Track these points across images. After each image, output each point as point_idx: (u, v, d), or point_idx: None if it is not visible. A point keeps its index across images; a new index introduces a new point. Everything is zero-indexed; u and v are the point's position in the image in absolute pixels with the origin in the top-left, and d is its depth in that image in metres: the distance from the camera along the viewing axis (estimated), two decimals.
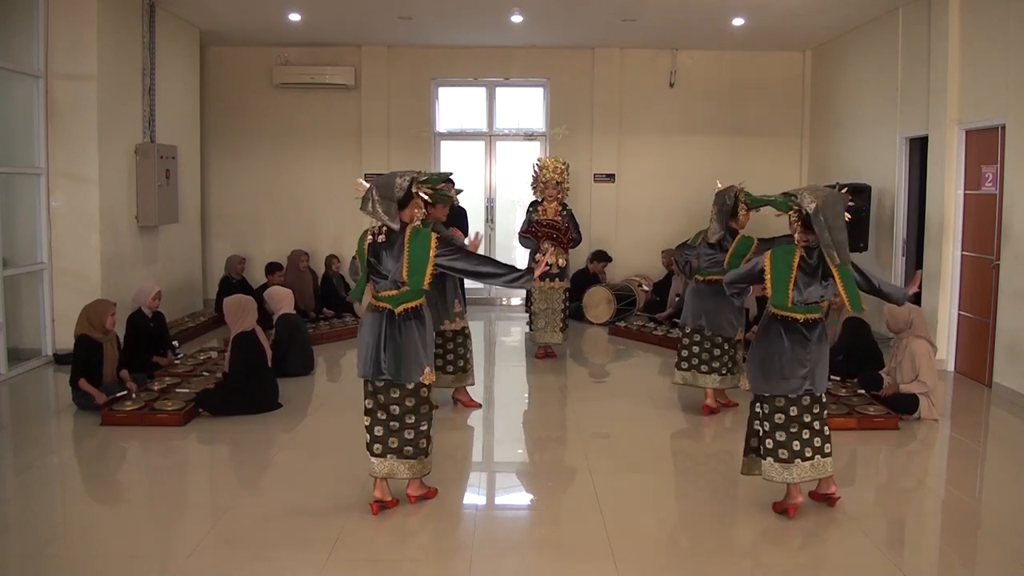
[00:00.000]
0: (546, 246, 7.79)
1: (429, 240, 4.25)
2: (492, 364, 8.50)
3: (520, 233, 7.93)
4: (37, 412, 6.74)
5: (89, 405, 6.10)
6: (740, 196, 5.94)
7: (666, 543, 4.25)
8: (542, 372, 7.83)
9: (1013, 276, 6.86)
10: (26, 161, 7.84)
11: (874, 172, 9.17)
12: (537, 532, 4.42)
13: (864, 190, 8.85)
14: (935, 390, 6.10)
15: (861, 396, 6.31)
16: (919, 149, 8.52)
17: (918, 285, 4.53)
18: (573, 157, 10.22)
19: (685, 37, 10.64)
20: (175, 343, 7.77)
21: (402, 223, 4.26)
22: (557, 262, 7.91)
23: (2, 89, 7.72)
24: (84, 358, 6.12)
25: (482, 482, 5.15)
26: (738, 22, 9.46)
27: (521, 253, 10.08)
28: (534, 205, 8.00)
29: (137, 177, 8.68)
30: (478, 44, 11.08)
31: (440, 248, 4.27)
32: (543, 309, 8.05)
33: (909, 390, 6.08)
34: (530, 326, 8.22)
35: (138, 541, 4.18)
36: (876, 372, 6.53)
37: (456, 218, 7.57)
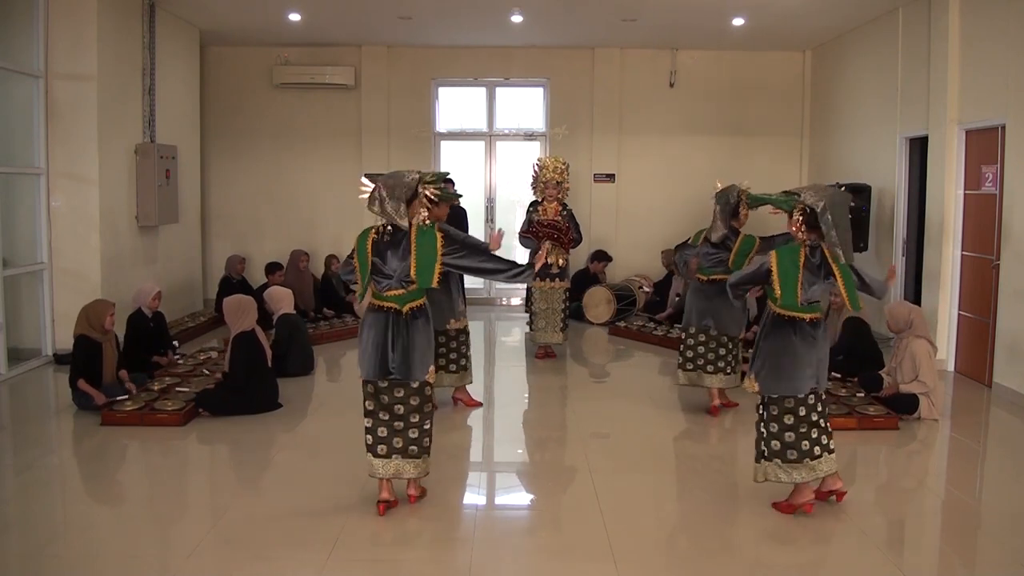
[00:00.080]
0: (547, 246, 7.79)
1: (435, 239, 4.27)
2: (492, 364, 8.49)
3: (520, 233, 7.94)
4: (37, 412, 6.74)
5: (89, 405, 6.10)
6: (743, 195, 5.94)
7: (666, 543, 4.25)
8: (542, 372, 7.83)
9: (1013, 276, 6.86)
10: (26, 161, 7.84)
11: (874, 172, 9.17)
12: (537, 532, 4.42)
13: (864, 190, 8.85)
14: (935, 390, 6.10)
15: (861, 396, 6.31)
16: (919, 149, 8.52)
17: (893, 277, 4.57)
18: (573, 157, 10.22)
19: (685, 37, 10.64)
20: (175, 343, 7.78)
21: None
22: (557, 262, 7.92)
23: (2, 89, 7.72)
24: (83, 358, 6.12)
25: (482, 482, 5.15)
26: (738, 22, 9.46)
27: (521, 253, 10.07)
28: (534, 205, 8.00)
29: (137, 177, 8.68)
30: (478, 44, 11.08)
31: (446, 246, 4.29)
32: (543, 309, 8.05)
33: (909, 390, 6.08)
34: (530, 326, 8.22)
35: (138, 541, 4.18)
36: (876, 372, 6.53)
37: (456, 218, 7.58)
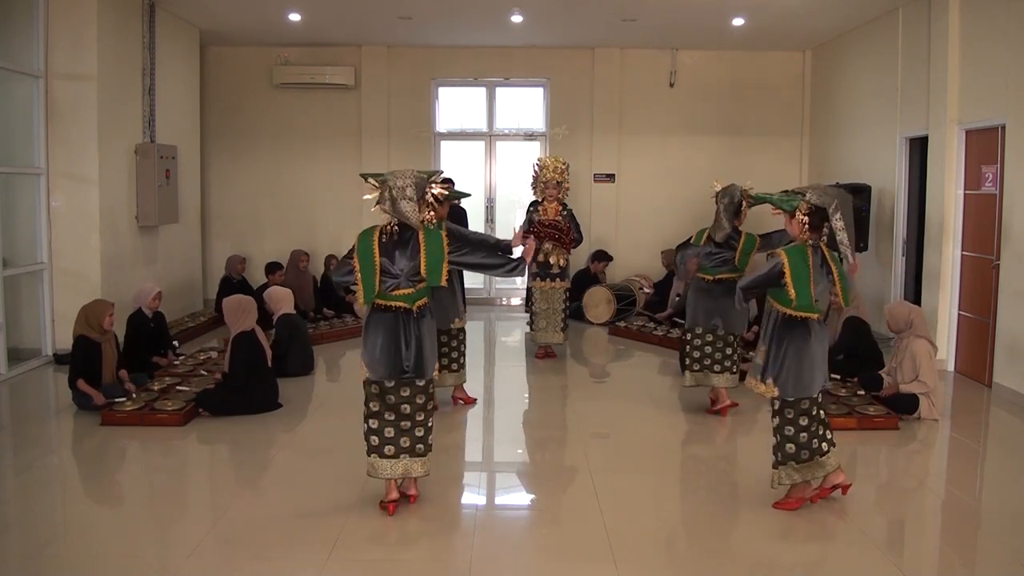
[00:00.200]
0: (532, 241, 7.78)
1: (441, 238, 4.33)
2: (492, 364, 8.49)
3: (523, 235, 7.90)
4: (37, 412, 6.74)
5: (89, 405, 6.10)
6: (744, 195, 5.94)
7: (666, 543, 4.25)
8: (542, 372, 7.83)
9: (1013, 276, 6.86)
10: (26, 161, 7.84)
11: (874, 172, 9.17)
12: (537, 532, 4.42)
13: (864, 190, 8.84)
14: (935, 390, 6.10)
15: (861, 396, 6.31)
16: (919, 149, 8.51)
17: (856, 271, 4.60)
18: (573, 157, 10.22)
19: (685, 37, 10.64)
20: (175, 343, 7.78)
21: None
22: (559, 262, 7.93)
23: (2, 89, 7.72)
24: (82, 358, 6.12)
25: (482, 482, 5.15)
26: (738, 22, 9.46)
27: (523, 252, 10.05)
28: (534, 205, 8.00)
29: (137, 177, 8.68)
30: (478, 44, 11.08)
31: (451, 244, 4.35)
32: (544, 309, 8.04)
33: (909, 390, 6.08)
34: (531, 326, 8.22)
35: (138, 541, 4.18)
36: (876, 372, 6.53)
37: (456, 218, 7.58)
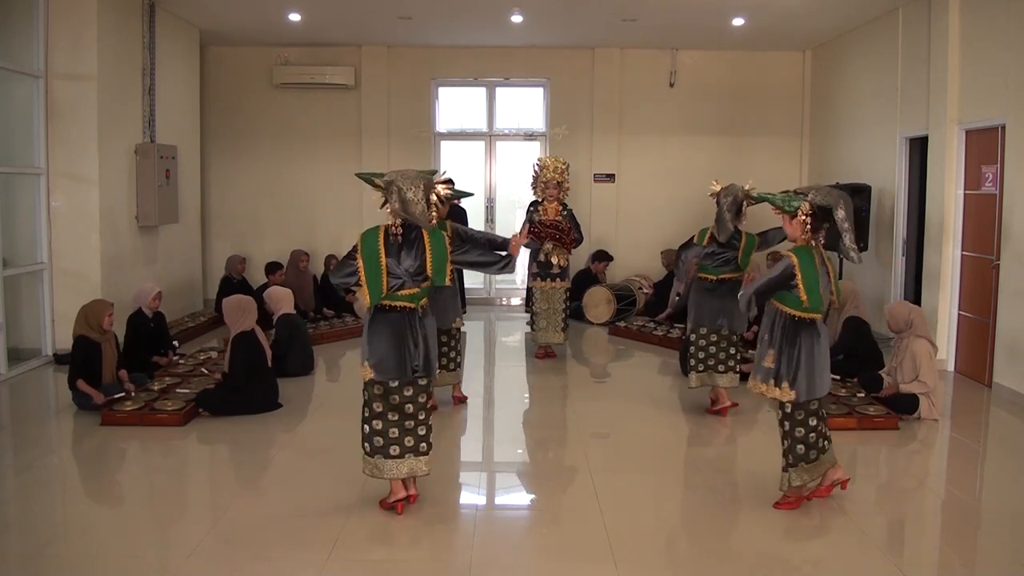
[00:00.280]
0: (548, 246, 7.82)
1: (444, 237, 4.37)
2: (492, 364, 8.49)
3: (527, 235, 7.89)
4: (37, 412, 6.74)
5: (89, 405, 6.10)
6: (743, 194, 5.94)
7: (666, 543, 4.25)
8: (542, 372, 7.83)
9: (1013, 276, 6.86)
10: (26, 161, 7.84)
11: (874, 172, 9.17)
12: (537, 532, 4.42)
13: (864, 190, 8.84)
14: (935, 390, 6.10)
15: (861, 396, 6.31)
16: (919, 149, 8.51)
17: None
18: (573, 157, 10.23)
19: (685, 37, 10.64)
20: (175, 343, 7.78)
21: None
22: (559, 262, 7.93)
23: (2, 89, 7.72)
24: (82, 358, 6.12)
25: (482, 482, 5.15)
26: (738, 22, 9.46)
27: (522, 253, 10.06)
28: (534, 205, 8.00)
29: (137, 177, 8.68)
30: (478, 44, 11.08)
31: (453, 243, 4.44)
32: (544, 309, 8.04)
33: (909, 390, 6.08)
34: (531, 326, 8.22)
35: (138, 541, 4.18)
36: (876, 372, 6.53)
37: (455, 217, 7.58)
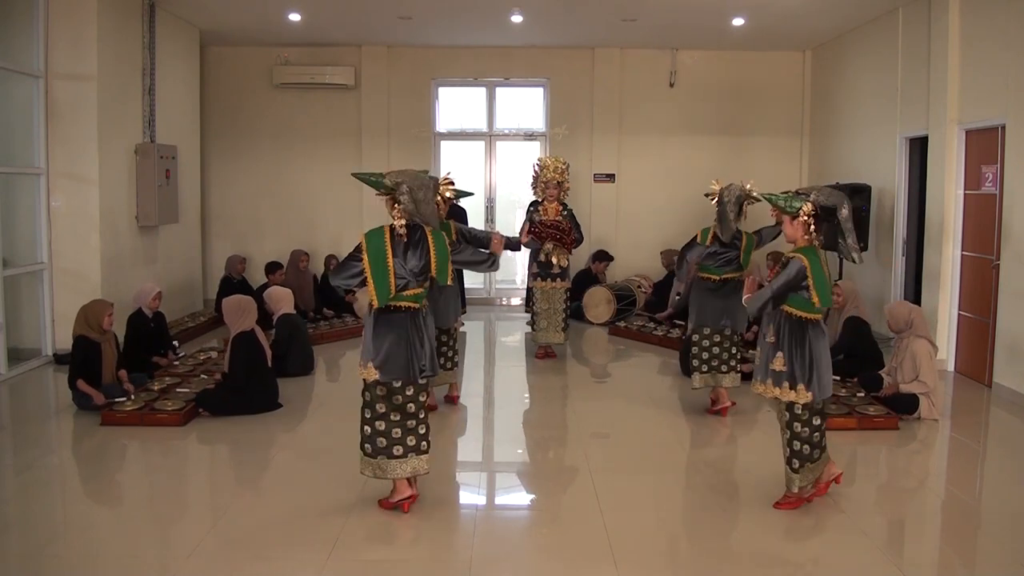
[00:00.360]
0: (548, 246, 7.83)
1: (444, 237, 4.43)
2: (492, 364, 8.49)
3: (527, 235, 7.88)
4: (37, 412, 6.74)
5: (89, 405, 6.10)
6: (744, 193, 5.93)
7: (666, 543, 4.25)
8: (542, 372, 7.83)
9: (1013, 276, 6.86)
10: (26, 161, 7.84)
11: (874, 172, 9.17)
12: (537, 532, 4.42)
13: (864, 190, 8.84)
14: (935, 390, 6.10)
15: (861, 396, 6.31)
16: (919, 149, 8.51)
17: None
18: (573, 157, 10.23)
19: (685, 37, 10.63)
20: (175, 343, 7.78)
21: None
22: (559, 262, 7.93)
23: (2, 89, 7.72)
24: (82, 358, 6.12)
25: (482, 482, 5.15)
26: (738, 22, 9.45)
27: (522, 252, 10.06)
28: (535, 205, 8.00)
29: (137, 177, 8.68)
30: (478, 44, 11.08)
31: (452, 243, 4.47)
32: (545, 309, 8.04)
33: (909, 390, 6.08)
34: (532, 326, 8.22)
35: (138, 541, 4.18)
36: (876, 372, 6.53)
37: (456, 217, 7.58)
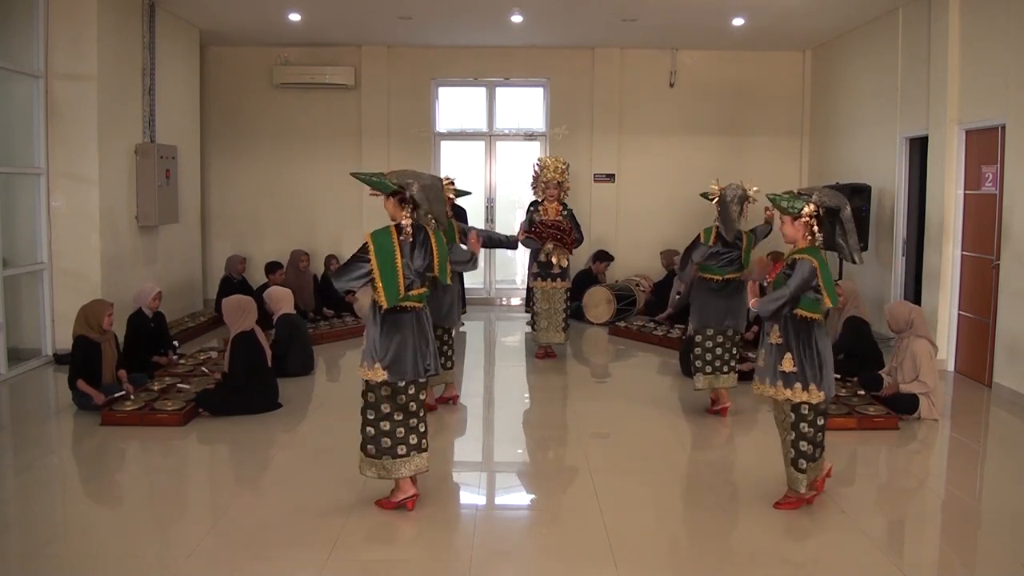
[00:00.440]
0: (549, 246, 7.83)
1: (443, 237, 4.49)
2: (492, 364, 8.49)
3: (524, 233, 7.88)
4: (37, 412, 6.74)
5: (89, 405, 6.10)
6: (744, 192, 5.94)
7: (666, 543, 4.25)
8: (542, 372, 7.83)
9: (1013, 276, 6.86)
10: (26, 161, 7.84)
11: (874, 172, 9.17)
12: (537, 532, 4.42)
13: (864, 190, 8.84)
14: (935, 390, 6.10)
15: (861, 396, 6.31)
16: (919, 149, 8.51)
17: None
18: (573, 157, 10.23)
19: (685, 37, 10.63)
20: (175, 343, 7.78)
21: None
22: (560, 262, 7.93)
23: (2, 89, 7.72)
24: (82, 358, 6.13)
25: (482, 482, 5.15)
26: (738, 22, 9.46)
27: (522, 252, 10.07)
28: (535, 205, 8.00)
29: (137, 177, 8.68)
30: (478, 44, 11.08)
31: (450, 244, 4.58)
32: (545, 309, 8.04)
33: (910, 390, 6.07)
34: (532, 326, 8.22)
35: (138, 541, 4.18)
36: (876, 372, 6.53)
37: (456, 217, 7.57)
